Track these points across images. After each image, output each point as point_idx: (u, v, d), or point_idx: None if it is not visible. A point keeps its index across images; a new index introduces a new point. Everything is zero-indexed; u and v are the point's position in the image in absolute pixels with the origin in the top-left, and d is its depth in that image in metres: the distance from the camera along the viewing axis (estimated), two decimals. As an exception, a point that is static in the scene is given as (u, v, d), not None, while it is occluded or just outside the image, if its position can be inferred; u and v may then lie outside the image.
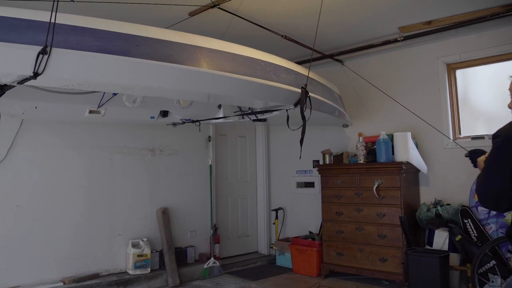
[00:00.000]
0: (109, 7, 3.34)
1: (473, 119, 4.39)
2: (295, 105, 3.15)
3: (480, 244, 3.71)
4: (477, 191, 1.69)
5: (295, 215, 5.74)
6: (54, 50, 1.88)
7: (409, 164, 4.18)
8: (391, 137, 4.35)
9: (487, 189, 1.65)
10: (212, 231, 5.18)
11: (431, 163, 4.42)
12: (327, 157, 4.97)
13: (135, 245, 4.46)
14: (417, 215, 4.22)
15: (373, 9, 3.92)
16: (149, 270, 4.43)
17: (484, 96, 4.35)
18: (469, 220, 3.86)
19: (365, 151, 4.47)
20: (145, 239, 4.54)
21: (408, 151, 4.18)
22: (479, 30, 4.12)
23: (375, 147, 4.42)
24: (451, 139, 4.31)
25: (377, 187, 4.24)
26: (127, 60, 2.12)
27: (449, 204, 4.16)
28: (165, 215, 4.79)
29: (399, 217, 4.04)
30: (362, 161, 4.46)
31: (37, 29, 1.87)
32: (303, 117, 3.03)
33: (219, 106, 4.11)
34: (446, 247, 3.90)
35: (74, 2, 2.69)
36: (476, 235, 3.82)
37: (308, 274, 4.78)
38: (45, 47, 1.85)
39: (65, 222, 4.09)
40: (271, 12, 3.91)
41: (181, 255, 4.82)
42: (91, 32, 2.05)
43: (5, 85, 2.41)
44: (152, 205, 4.78)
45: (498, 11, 3.81)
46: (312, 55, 3.76)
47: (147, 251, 4.46)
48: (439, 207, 4.07)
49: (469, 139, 4.19)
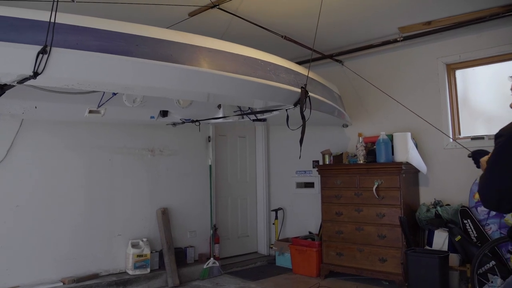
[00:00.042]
0: (109, 7, 3.34)
1: (472, 120, 4.39)
2: (295, 105, 3.15)
3: (479, 244, 3.72)
4: (479, 191, 1.65)
5: (294, 215, 5.74)
6: (54, 49, 1.89)
7: (408, 164, 4.18)
8: (391, 137, 4.35)
9: (490, 189, 1.61)
10: (211, 231, 5.18)
11: (431, 164, 4.43)
12: (327, 157, 4.96)
13: (134, 245, 4.46)
14: (416, 216, 4.22)
15: (373, 10, 3.93)
16: (149, 270, 4.43)
17: (483, 96, 4.35)
18: (469, 220, 3.86)
19: (364, 151, 4.48)
20: (144, 239, 4.54)
21: (407, 152, 4.18)
22: (479, 30, 4.13)
23: (374, 147, 4.42)
24: (451, 139, 4.31)
25: (376, 188, 4.24)
26: (127, 59, 2.12)
27: (449, 204, 4.16)
28: (165, 215, 4.79)
29: (398, 217, 4.04)
30: (361, 162, 4.46)
31: (37, 29, 1.87)
32: (303, 117, 3.04)
33: (219, 106, 4.11)
34: (445, 248, 3.91)
35: (74, 2, 2.70)
36: (475, 235, 3.82)
37: (307, 274, 4.78)
38: (45, 46, 1.85)
39: (65, 222, 4.09)
40: (271, 12, 3.91)
41: (180, 255, 4.82)
42: (91, 31, 2.06)
43: (5, 84, 2.41)
44: (152, 205, 4.78)
45: (497, 11, 3.82)
46: (311, 55, 3.77)
47: (147, 251, 4.46)
48: (438, 208, 4.07)
49: (468, 140, 4.19)
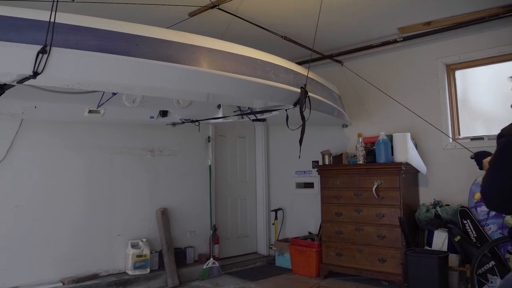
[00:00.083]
0: (109, 7, 3.34)
1: (472, 120, 4.39)
2: (295, 105, 3.15)
3: (479, 244, 3.72)
4: (482, 192, 1.63)
5: (294, 215, 5.74)
6: (53, 49, 1.89)
7: (408, 164, 4.18)
8: (391, 137, 4.35)
9: (493, 190, 1.60)
10: (211, 231, 5.17)
11: (430, 164, 4.43)
12: (327, 157, 4.97)
13: (134, 246, 4.45)
14: (416, 216, 4.22)
15: (373, 10, 3.93)
16: (149, 270, 4.43)
17: (483, 97, 4.35)
18: (468, 220, 3.86)
19: (364, 151, 4.48)
20: (144, 240, 4.54)
21: (407, 152, 4.18)
22: (479, 31, 4.13)
23: (374, 147, 4.42)
24: (451, 139, 4.31)
25: (376, 188, 4.24)
26: (127, 59, 2.12)
27: (448, 204, 4.16)
28: (165, 215, 4.79)
29: (398, 217, 4.04)
30: (361, 162, 4.46)
31: (36, 29, 1.87)
32: (303, 117, 3.04)
33: (219, 106, 4.11)
34: (445, 248, 3.91)
35: (74, 2, 2.70)
36: (475, 235, 3.82)
37: (307, 274, 4.78)
38: (45, 46, 1.85)
39: (65, 222, 4.09)
40: (271, 12, 3.91)
41: (180, 256, 4.81)
42: (90, 31, 2.06)
43: (5, 84, 2.41)
44: (151, 205, 4.78)
45: (497, 12, 3.82)
46: (311, 56, 3.77)
47: (147, 251, 4.46)
48: (438, 208, 4.07)
49: (468, 140, 4.19)
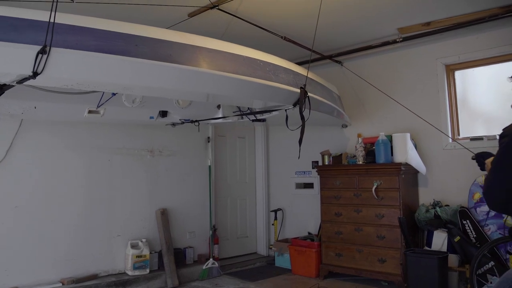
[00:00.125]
0: (108, 7, 3.34)
1: (472, 120, 4.40)
2: (294, 105, 3.15)
3: (478, 245, 3.72)
4: (485, 193, 1.61)
5: (294, 216, 5.74)
6: (53, 49, 1.89)
7: (408, 165, 4.19)
8: (390, 138, 4.35)
9: (495, 190, 1.57)
10: (211, 232, 5.17)
11: (430, 164, 4.43)
12: (326, 158, 4.97)
13: (134, 246, 4.45)
14: (416, 216, 4.22)
15: (372, 10, 3.93)
16: (148, 271, 4.43)
17: (483, 97, 4.35)
18: (468, 221, 3.86)
19: (364, 152, 4.48)
20: (144, 240, 4.54)
21: (407, 152, 4.18)
22: (478, 31, 4.13)
23: (374, 148, 4.42)
24: (451, 139, 4.31)
25: (376, 188, 4.24)
26: (126, 60, 2.12)
27: (448, 205, 4.16)
28: (164, 216, 4.79)
29: (398, 218, 4.04)
30: (361, 162, 4.46)
31: (36, 29, 1.87)
32: (302, 117, 3.04)
33: (218, 106, 4.12)
34: (444, 248, 3.91)
35: (73, 2, 2.70)
36: (474, 236, 3.82)
37: (307, 275, 4.78)
38: (44, 46, 1.85)
39: (64, 222, 4.09)
40: (271, 13, 3.92)
41: (180, 256, 4.81)
42: (90, 31, 2.06)
43: (4, 84, 2.41)
44: (151, 206, 4.78)
45: (496, 12, 3.82)
46: (311, 56, 3.77)
47: (146, 252, 4.46)
48: (438, 208, 4.08)
49: (468, 140, 4.19)
